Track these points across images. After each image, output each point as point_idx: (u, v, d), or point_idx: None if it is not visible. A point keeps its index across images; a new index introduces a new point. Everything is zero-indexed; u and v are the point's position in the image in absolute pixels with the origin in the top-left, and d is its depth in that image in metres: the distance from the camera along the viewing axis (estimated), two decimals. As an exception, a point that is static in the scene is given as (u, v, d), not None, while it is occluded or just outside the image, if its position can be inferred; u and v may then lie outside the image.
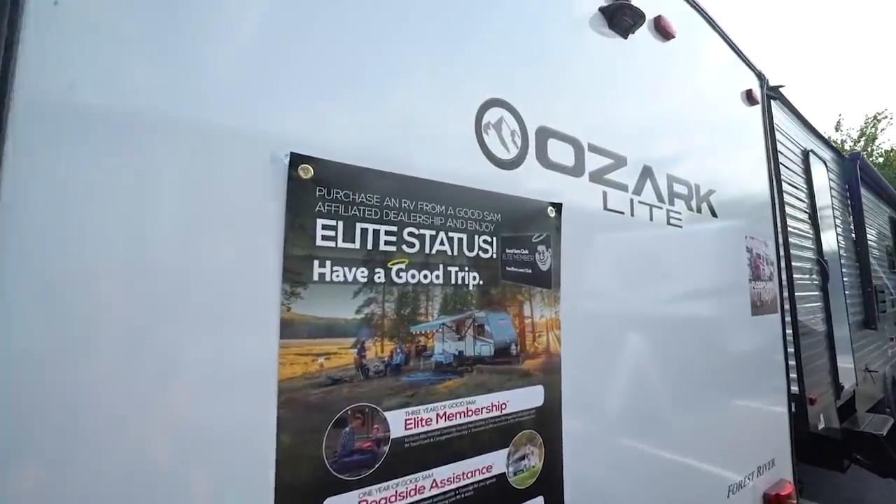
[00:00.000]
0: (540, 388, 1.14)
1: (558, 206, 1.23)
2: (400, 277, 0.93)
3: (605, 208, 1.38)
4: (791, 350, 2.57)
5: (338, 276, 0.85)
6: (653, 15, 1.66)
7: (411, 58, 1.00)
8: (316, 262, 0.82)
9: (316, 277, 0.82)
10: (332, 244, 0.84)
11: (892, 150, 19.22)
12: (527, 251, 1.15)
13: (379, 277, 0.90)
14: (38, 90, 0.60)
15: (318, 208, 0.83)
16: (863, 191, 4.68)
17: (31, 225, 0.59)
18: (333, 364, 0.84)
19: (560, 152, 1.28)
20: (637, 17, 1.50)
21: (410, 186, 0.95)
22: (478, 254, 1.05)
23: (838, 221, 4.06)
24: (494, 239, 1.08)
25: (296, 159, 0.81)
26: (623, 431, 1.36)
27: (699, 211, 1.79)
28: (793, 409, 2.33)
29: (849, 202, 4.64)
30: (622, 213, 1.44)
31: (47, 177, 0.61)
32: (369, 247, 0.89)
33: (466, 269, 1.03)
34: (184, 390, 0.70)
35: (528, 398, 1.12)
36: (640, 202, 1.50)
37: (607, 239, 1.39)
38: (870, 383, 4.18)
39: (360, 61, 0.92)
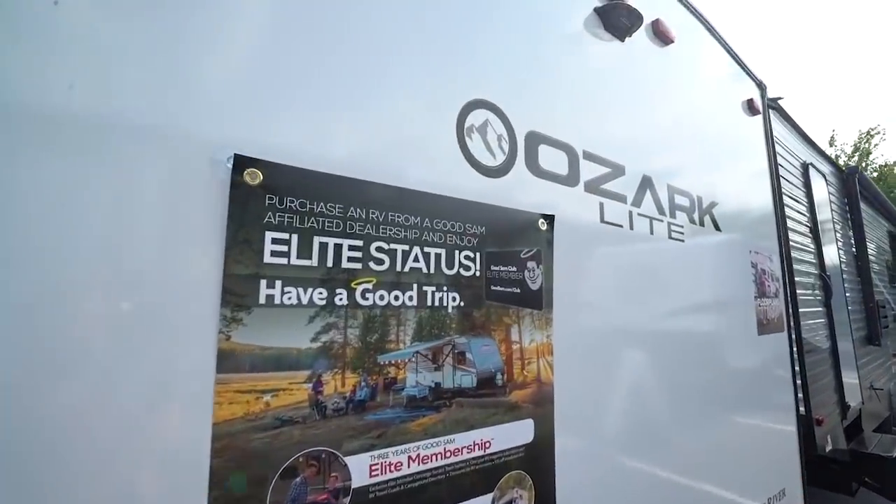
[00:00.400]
0: (529, 423, 1.01)
1: (550, 218, 1.12)
2: (366, 299, 0.80)
3: (602, 221, 1.27)
4: (796, 369, 2.46)
5: (290, 298, 0.72)
6: (650, 18, 1.58)
7: (382, 49, 0.89)
8: (263, 283, 0.70)
9: (263, 300, 0.70)
10: (283, 261, 0.72)
11: (885, 164, 19.37)
12: (515, 268, 1.03)
13: (340, 299, 0.78)
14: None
15: (267, 219, 0.72)
16: (862, 205, 4.63)
17: None
18: (282, 402, 0.71)
19: (552, 160, 1.17)
20: (634, 18, 1.41)
21: (380, 195, 0.84)
22: (458, 271, 0.93)
23: (839, 236, 3.99)
24: (478, 254, 0.97)
25: (241, 162, 0.70)
26: (624, 469, 1.22)
27: (702, 224, 1.68)
28: (802, 434, 2.20)
29: (848, 216, 4.59)
30: (620, 226, 1.32)
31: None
32: (329, 264, 0.77)
33: (445, 288, 0.91)
34: (94, 437, 0.57)
35: (515, 434, 0.99)
36: (639, 214, 1.39)
37: (605, 254, 1.28)
38: (875, 401, 4.07)
39: (318, 50, 0.81)
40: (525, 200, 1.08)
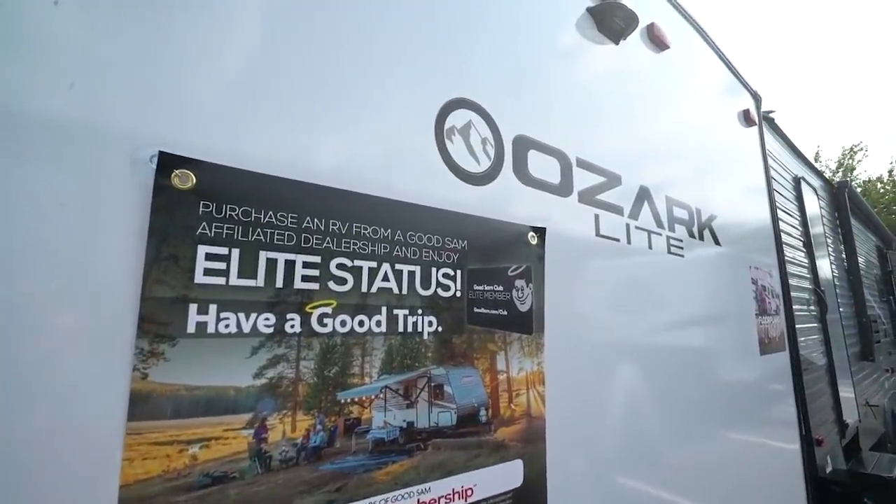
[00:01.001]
0: (518, 464, 0.89)
1: (541, 231, 1.01)
2: (324, 325, 0.68)
3: (598, 234, 1.17)
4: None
5: (227, 326, 0.60)
6: (645, 22, 1.50)
7: (349, 36, 0.78)
8: (193, 308, 0.58)
9: (192, 329, 0.57)
10: (220, 281, 0.60)
11: (869, 180, 19.78)
12: (501, 287, 0.91)
13: (292, 326, 0.65)
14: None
15: (201, 230, 0.59)
16: (851, 219, 4.64)
17: None
18: (214, 454, 0.58)
19: (543, 167, 1.07)
20: (629, 19, 1.33)
21: (342, 203, 0.72)
22: (436, 292, 0.81)
23: (830, 250, 3.96)
24: (458, 272, 0.85)
25: (168, 162, 0.58)
26: (623, 511, 1.09)
27: (701, 238, 1.59)
28: (806, 458, 2.09)
29: (839, 230, 4.59)
30: (617, 239, 1.22)
31: None
32: (279, 284, 0.65)
33: (420, 311, 0.79)
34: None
35: (502, 478, 0.86)
36: (637, 227, 1.29)
37: (601, 271, 1.17)
38: (871, 418, 4.00)
39: (268, 31, 0.70)
40: (513, 211, 0.97)
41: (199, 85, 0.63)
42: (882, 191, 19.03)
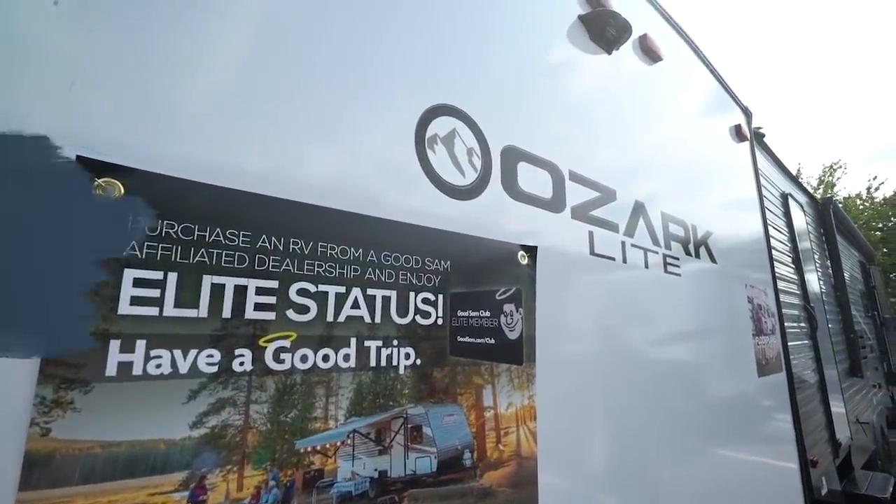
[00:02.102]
0: (507, 513, 0.79)
1: (532, 250, 0.93)
2: (281, 362, 0.58)
3: (592, 252, 1.09)
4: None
5: (159, 365, 0.50)
6: (638, 33, 1.46)
7: (315, 30, 0.70)
8: (115, 345, 0.48)
9: (112, 370, 0.47)
10: (151, 311, 0.50)
11: (849, 196, 20.25)
12: (488, 313, 0.82)
13: (242, 363, 0.55)
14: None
15: (128, 252, 0.50)
16: (836, 235, 4.68)
17: None
18: (136, 526, 0.47)
19: (534, 180, 0.99)
20: (622, 29, 1.28)
21: (305, 219, 0.63)
22: (414, 319, 0.72)
23: (818, 266, 3.97)
24: (440, 297, 0.76)
25: (90, 167, 0.48)
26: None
27: (697, 255, 1.53)
28: (805, 482, 2.02)
29: (825, 246, 4.62)
30: (613, 258, 1.14)
31: None
32: (226, 314, 0.55)
33: (395, 343, 0.69)
34: None
35: (489, 530, 0.76)
36: (633, 245, 1.22)
37: (596, 292, 1.09)
38: (861, 435, 3.97)
39: (224, 24, 0.61)
40: (501, 228, 0.89)
41: (141, 83, 0.54)
42: (861, 207, 19.49)
